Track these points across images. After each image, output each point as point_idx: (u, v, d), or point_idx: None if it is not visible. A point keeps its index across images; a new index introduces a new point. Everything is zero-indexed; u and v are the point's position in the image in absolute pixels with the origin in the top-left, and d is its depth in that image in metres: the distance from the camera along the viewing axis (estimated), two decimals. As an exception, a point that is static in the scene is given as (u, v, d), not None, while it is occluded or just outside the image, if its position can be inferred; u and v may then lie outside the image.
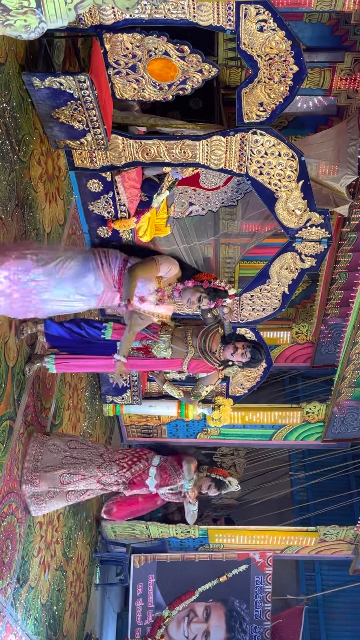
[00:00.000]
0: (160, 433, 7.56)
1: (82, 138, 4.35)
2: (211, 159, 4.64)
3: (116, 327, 4.70)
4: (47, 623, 5.36)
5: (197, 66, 4.04)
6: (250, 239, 6.94)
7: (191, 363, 4.75)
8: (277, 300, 5.62)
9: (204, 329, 4.71)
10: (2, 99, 3.70)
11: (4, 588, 4.25)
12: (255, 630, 7.51)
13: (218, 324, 4.71)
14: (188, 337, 4.70)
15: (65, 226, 5.13)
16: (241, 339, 4.54)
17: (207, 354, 4.61)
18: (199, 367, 4.78)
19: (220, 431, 7.49)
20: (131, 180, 4.95)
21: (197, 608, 7.59)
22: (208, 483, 4.82)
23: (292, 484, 9.08)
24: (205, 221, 6.64)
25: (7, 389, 4.05)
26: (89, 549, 7.10)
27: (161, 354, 4.72)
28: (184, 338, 4.71)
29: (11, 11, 2.60)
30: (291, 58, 3.94)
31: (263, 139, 4.43)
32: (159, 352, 4.72)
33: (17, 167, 3.98)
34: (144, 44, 3.95)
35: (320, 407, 7.27)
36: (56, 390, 5.35)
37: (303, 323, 8.27)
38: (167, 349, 4.69)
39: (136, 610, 7.58)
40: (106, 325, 4.73)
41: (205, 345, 4.61)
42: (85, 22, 3.87)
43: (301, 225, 4.94)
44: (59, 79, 3.93)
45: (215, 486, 4.85)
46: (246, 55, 3.96)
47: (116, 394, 6.83)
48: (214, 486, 4.84)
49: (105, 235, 5.29)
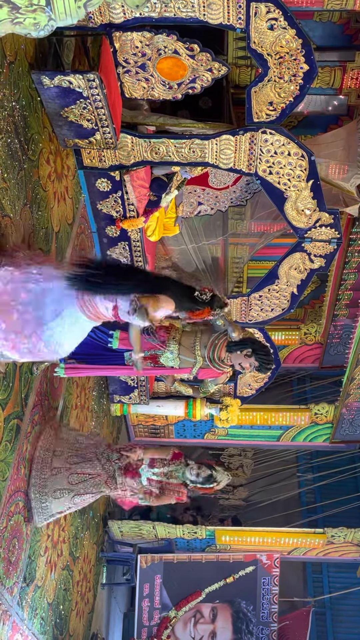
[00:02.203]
0: (167, 433, 7.54)
1: (91, 137, 4.35)
2: (220, 158, 4.62)
3: (122, 337, 4.63)
4: (53, 622, 5.36)
5: (206, 65, 4.02)
6: (259, 238, 6.92)
7: (200, 371, 4.69)
8: (286, 301, 5.60)
9: (212, 338, 4.58)
10: (12, 97, 3.70)
11: (10, 587, 4.25)
12: (262, 632, 7.48)
13: (225, 331, 4.62)
14: (196, 348, 4.60)
15: (73, 225, 5.13)
16: (249, 345, 4.37)
17: (215, 363, 4.54)
18: (208, 374, 4.73)
19: (227, 432, 7.47)
20: (140, 180, 4.94)
21: (204, 609, 7.57)
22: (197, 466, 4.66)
23: (300, 486, 9.04)
24: (214, 221, 6.63)
25: (14, 388, 4.05)
26: (96, 548, 7.10)
27: (169, 363, 4.65)
28: (192, 348, 4.61)
29: (21, 9, 2.59)
30: (302, 57, 3.92)
31: (273, 138, 4.41)
32: (167, 362, 4.64)
33: (26, 165, 3.98)
34: (154, 43, 3.94)
35: (328, 409, 7.23)
36: (64, 390, 5.35)
37: (312, 324, 8.24)
38: (175, 359, 4.62)
39: (142, 610, 7.57)
40: (113, 333, 4.67)
41: (214, 355, 4.51)
42: (95, 20, 3.86)
43: (310, 225, 4.91)
44: (69, 78, 3.92)
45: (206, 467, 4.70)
46: (256, 53, 3.94)
47: (124, 393, 6.83)
48: (204, 467, 4.67)
49: (113, 234, 5.28)
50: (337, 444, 7.47)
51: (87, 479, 4.65)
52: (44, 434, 4.68)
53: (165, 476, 4.63)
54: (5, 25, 2.62)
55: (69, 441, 4.83)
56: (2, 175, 3.62)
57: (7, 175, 3.69)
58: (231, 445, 8.33)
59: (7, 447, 4.00)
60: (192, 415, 6.99)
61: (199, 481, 4.61)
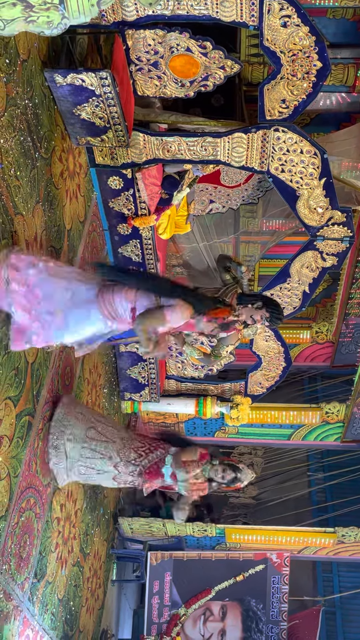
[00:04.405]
0: (177, 431, 7.55)
1: (103, 135, 4.35)
2: (232, 156, 4.61)
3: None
4: (63, 618, 5.39)
5: (219, 62, 4.02)
6: (270, 237, 6.90)
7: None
8: (298, 299, 5.58)
9: (222, 289, 4.55)
10: (25, 95, 3.71)
11: (21, 583, 4.28)
12: (272, 630, 7.48)
13: (237, 284, 4.54)
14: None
15: (85, 223, 5.14)
16: (259, 298, 4.33)
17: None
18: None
19: (238, 430, 7.46)
20: (152, 178, 4.95)
21: (213, 607, 7.58)
22: (221, 468, 4.69)
23: (310, 485, 9.01)
24: (226, 219, 6.62)
25: (26, 384, 4.07)
26: (106, 545, 7.13)
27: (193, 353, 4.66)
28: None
29: (34, 7, 2.60)
30: (315, 54, 3.90)
31: (285, 136, 4.39)
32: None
33: (38, 163, 3.99)
34: (166, 41, 3.94)
35: (339, 408, 7.20)
36: (75, 387, 5.37)
37: (323, 322, 8.20)
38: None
39: (152, 607, 7.59)
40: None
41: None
42: (108, 18, 3.86)
43: (323, 224, 4.89)
44: (81, 76, 3.93)
45: (230, 469, 4.71)
46: (269, 51, 3.93)
47: (134, 391, 6.84)
48: (229, 469, 4.70)
49: (125, 232, 5.29)
50: (348, 443, 7.44)
51: (102, 440, 4.72)
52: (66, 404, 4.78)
53: (194, 477, 4.65)
54: (19, 23, 2.63)
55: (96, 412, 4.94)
56: (15, 173, 3.64)
57: (20, 173, 3.71)
58: (241, 443, 8.32)
59: (19, 444, 4.03)
60: (203, 413, 7.00)
61: (224, 482, 4.64)
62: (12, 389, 3.84)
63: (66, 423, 4.65)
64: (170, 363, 6.88)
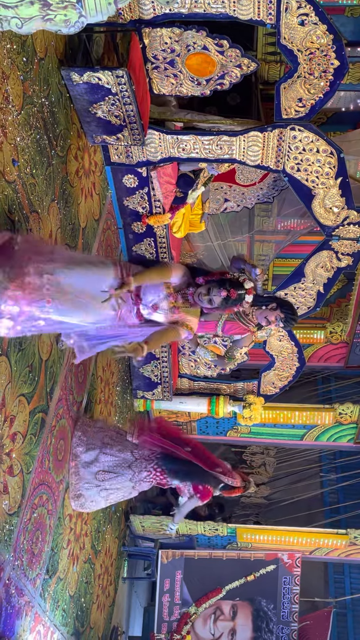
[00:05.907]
0: (190, 430, 7.55)
1: (118, 133, 4.36)
2: (248, 155, 4.59)
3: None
4: (74, 615, 5.42)
5: (235, 61, 4.00)
6: (285, 236, 6.87)
7: (225, 325, 4.61)
8: (312, 299, 5.55)
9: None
10: (41, 93, 3.73)
11: (33, 579, 4.30)
12: (282, 631, 7.46)
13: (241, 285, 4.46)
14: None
15: (100, 221, 5.15)
16: (272, 301, 4.26)
17: (241, 317, 4.48)
18: (233, 329, 4.66)
19: (250, 429, 7.44)
20: (167, 176, 4.94)
21: (224, 606, 7.57)
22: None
23: (323, 485, 8.97)
24: (240, 218, 6.60)
25: (40, 381, 4.09)
26: (118, 542, 7.15)
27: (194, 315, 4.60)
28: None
29: (52, 5, 2.61)
30: (332, 52, 3.87)
31: (301, 135, 4.37)
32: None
33: (54, 161, 4.00)
34: (183, 39, 3.93)
35: (353, 409, 7.15)
36: (88, 384, 5.39)
37: (338, 322, 8.14)
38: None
39: (163, 605, 7.60)
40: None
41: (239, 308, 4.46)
42: (125, 16, 3.86)
43: (338, 223, 4.86)
44: (98, 74, 3.93)
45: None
46: (286, 49, 3.90)
47: (147, 389, 6.85)
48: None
49: (139, 230, 5.29)
50: (362, 444, 7.39)
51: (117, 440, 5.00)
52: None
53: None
54: (36, 22, 2.63)
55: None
56: (30, 171, 3.65)
57: (36, 171, 3.72)
58: (254, 443, 8.30)
59: (32, 440, 4.05)
60: (215, 412, 6.99)
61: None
62: (26, 386, 3.86)
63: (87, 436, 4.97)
64: (183, 362, 6.88)
